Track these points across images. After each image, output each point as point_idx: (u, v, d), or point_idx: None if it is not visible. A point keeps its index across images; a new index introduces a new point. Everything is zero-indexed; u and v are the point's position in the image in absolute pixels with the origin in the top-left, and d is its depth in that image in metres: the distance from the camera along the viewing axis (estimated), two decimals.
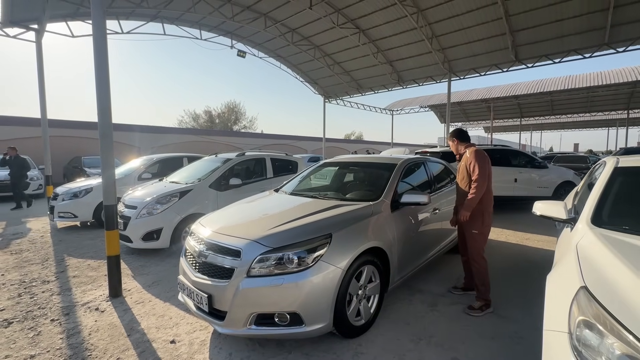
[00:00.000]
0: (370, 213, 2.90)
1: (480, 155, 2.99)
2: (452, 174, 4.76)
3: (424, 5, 11.31)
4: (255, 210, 3.21)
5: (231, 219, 2.95)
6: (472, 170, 2.98)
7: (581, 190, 3.41)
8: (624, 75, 18.24)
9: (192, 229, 2.97)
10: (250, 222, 2.81)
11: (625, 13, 9.76)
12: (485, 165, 2.97)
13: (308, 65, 17.92)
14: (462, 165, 3.16)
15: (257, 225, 2.66)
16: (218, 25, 14.08)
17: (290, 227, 2.54)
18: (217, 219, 2.96)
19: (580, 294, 1.41)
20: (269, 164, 6.29)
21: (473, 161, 2.98)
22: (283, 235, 2.44)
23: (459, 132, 3.26)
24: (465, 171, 3.09)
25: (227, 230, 2.64)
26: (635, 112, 27.13)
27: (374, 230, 2.82)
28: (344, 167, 4.30)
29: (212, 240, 2.56)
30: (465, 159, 3.09)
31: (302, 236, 2.42)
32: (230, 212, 3.20)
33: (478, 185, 2.91)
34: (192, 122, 37.55)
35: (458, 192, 3.28)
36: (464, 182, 3.12)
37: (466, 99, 24.26)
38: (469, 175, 3.04)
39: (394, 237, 3.00)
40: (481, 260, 3.08)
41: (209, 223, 2.88)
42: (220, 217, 3.03)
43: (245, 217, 2.97)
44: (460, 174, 3.21)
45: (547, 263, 4.51)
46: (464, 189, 3.14)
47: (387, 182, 3.31)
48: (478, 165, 2.94)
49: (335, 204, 3.03)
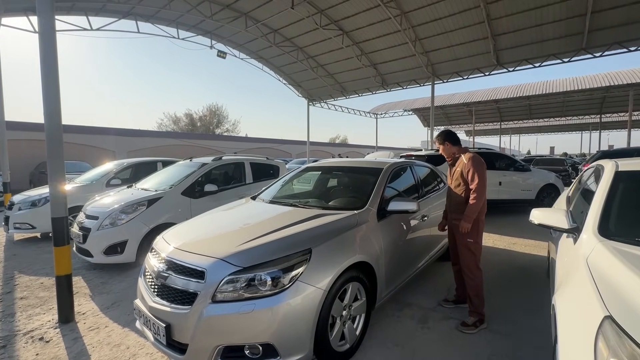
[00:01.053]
0: (354, 223, 2.62)
1: (479, 162, 2.80)
2: (439, 178, 4.57)
3: (407, 8, 11.26)
4: (226, 221, 2.87)
5: (198, 232, 2.60)
6: (470, 178, 2.78)
7: (574, 196, 3.24)
8: (597, 81, 18.92)
9: (153, 244, 2.61)
10: (219, 236, 2.48)
11: (602, 19, 9.99)
12: (484, 173, 2.79)
13: (291, 67, 17.64)
14: (456, 171, 2.93)
15: (227, 240, 2.33)
16: (196, 24, 13.61)
17: (264, 241, 2.23)
18: (182, 233, 2.62)
19: (605, 326, 1.16)
20: (248, 168, 5.94)
21: (472, 169, 2.77)
22: (255, 251, 2.13)
23: (450, 135, 3.00)
24: (461, 178, 2.88)
25: (191, 246, 2.30)
26: (607, 117, 28.24)
27: (359, 242, 2.54)
28: (327, 172, 4.02)
29: (173, 259, 2.21)
30: (462, 165, 2.86)
31: (278, 252, 2.11)
32: (197, 224, 2.85)
33: (478, 195, 2.73)
34: (172, 125, 36.59)
35: (451, 197, 3.05)
36: (460, 189, 2.91)
37: (449, 103, 24.59)
38: (465, 182, 2.84)
39: (381, 249, 2.74)
40: (477, 272, 2.87)
41: (172, 237, 2.53)
42: (185, 230, 2.68)
43: (214, 229, 2.63)
44: (454, 179, 2.97)
45: (538, 270, 4.41)
46: (459, 196, 2.92)
47: (373, 189, 3.06)
48: (477, 173, 2.75)
49: (317, 214, 2.75)
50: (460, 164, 2.89)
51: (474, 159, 2.81)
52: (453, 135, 3.02)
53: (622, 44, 10.45)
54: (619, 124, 33.28)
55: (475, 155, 2.86)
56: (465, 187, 2.85)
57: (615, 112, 26.77)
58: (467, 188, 2.83)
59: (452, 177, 3.03)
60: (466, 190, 2.84)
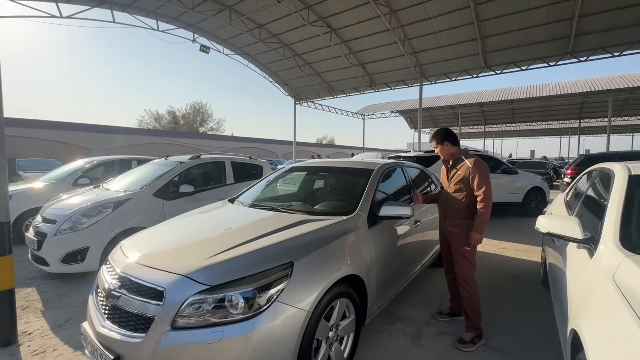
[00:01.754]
0: (343, 231, 2.33)
1: (484, 168, 2.59)
2: (431, 179, 4.35)
3: (396, 6, 11.08)
4: (197, 227, 2.52)
5: (162, 241, 2.25)
6: (476, 185, 2.56)
7: (575, 201, 3.05)
8: (578, 86, 19.38)
9: (109, 256, 2.24)
10: (187, 246, 2.13)
11: (588, 23, 10.09)
12: (489, 179, 2.59)
13: (277, 64, 17.24)
14: (457, 174, 2.69)
15: (194, 252, 1.99)
16: (178, 16, 12.99)
17: (238, 253, 1.90)
18: (143, 242, 2.25)
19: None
20: (228, 168, 5.56)
21: (477, 175, 2.54)
22: (227, 266, 1.80)
23: (450, 134, 2.76)
24: (462, 182, 2.65)
25: (151, 259, 1.94)
26: (585, 122, 29.10)
27: (349, 253, 2.25)
28: (312, 173, 3.72)
29: (128, 275, 1.85)
30: (465, 169, 2.62)
31: (254, 267, 1.79)
32: (163, 231, 2.49)
33: (487, 204, 2.51)
34: (153, 123, 35.39)
35: (447, 201, 2.79)
36: (460, 194, 2.67)
37: (435, 105, 24.73)
38: (467, 187, 2.62)
39: (372, 259, 2.46)
40: (472, 283, 2.65)
41: (132, 248, 2.17)
42: (148, 239, 2.32)
43: (182, 238, 2.27)
44: (453, 183, 2.73)
45: (531, 277, 4.23)
46: (458, 201, 2.68)
47: (363, 192, 2.78)
48: (485, 179, 2.54)
49: (301, 219, 2.44)
50: (463, 168, 2.65)
51: (479, 164, 2.58)
52: (453, 135, 2.78)
53: (606, 49, 10.61)
54: (596, 129, 34.45)
55: (480, 159, 2.64)
56: (467, 193, 2.63)
57: (593, 118, 27.60)
58: (469, 194, 2.61)
59: (449, 180, 2.77)
60: (468, 196, 2.62)
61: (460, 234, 2.63)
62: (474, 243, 2.55)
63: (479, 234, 2.52)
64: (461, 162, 2.67)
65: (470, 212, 2.59)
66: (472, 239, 2.53)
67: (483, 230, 2.53)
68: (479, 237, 2.53)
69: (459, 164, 2.68)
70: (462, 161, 2.67)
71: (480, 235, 2.53)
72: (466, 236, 2.60)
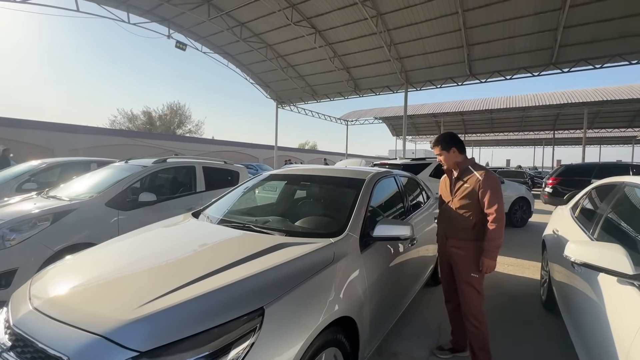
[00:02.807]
0: (331, 258, 1.83)
1: (497, 182, 2.22)
2: (424, 190, 3.96)
3: (383, 9, 10.84)
4: (141, 253, 1.94)
5: (84, 275, 1.66)
6: (487, 201, 2.18)
7: (590, 220, 2.66)
8: (555, 98, 20.02)
9: (12, 296, 1.64)
10: (120, 282, 1.56)
11: (571, 35, 10.20)
12: (502, 195, 2.24)
13: (259, 66, 16.68)
14: (463, 187, 2.30)
15: (128, 293, 1.44)
16: (152, 9, 12.19)
17: (188, 296, 1.36)
18: (58, 277, 1.67)
19: None
20: (199, 173, 4.94)
21: (489, 190, 2.17)
22: (169, 317, 1.26)
23: (457, 139, 2.38)
24: (469, 197, 2.27)
25: (60, 306, 1.38)
26: (559, 133, 30.22)
27: (338, 288, 1.75)
28: (294, 183, 3.21)
29: (23, 332, 1.28)
30: (474, 182, 2.25)
31: (208, 318, 1.26)
32: (92, 259, 1.91)
33: (500, 225, 2.13)
34: (127, 124, 33.74)
35: (450, 219, 2.38)
36: (467, 211, 2.28)
37: (418, 113, 24.87)
38: (476, 203, 2.24)
39: (366, 292, 1.97)
40: (481, 317, 2.24)
41: (42, 286, 1.59)
42: (65, 272, 1.73)
43: (114, 271, 1.69)
44: (457, 197, 2.33)
45: (531, 299, 3.86)
46: (464, 219, 2.28)
47: (354, 207, 2.30)
48: (497, 196, 2.18)
49: (278, 243, 1.93)
50: (472, 180, 2.26)
51: (491, 177, 2.22)
52: (460, 141, 2.37)
53: (588, 61, 10.79)
54: (569, 140, 35.88)
55: (491, 172, 2.26)
56: (475, 210, 2.25)
57: (566, 129, 28.68)
58: (477, 211, 2.24)
59: (453, 194, 2.36)
60: (476, 213, 2.24)
61: (467, 257, 2.25)
62: (485, 271, 2.17)
63: (492, 259, 2.14)
64: (469, 173, 2.28)
65: (478, 233, 2.22)
66: (484, 266, 2.15)
67: (496, 255, 2.15)
68: (492, 263, 2.15)
69: (467, 176, 2.29)
70: (470, 173, 2.28)
71: (493, 261, 2.16)
72: (474, 260, 2.22)
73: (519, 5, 9.48)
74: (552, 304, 3.11)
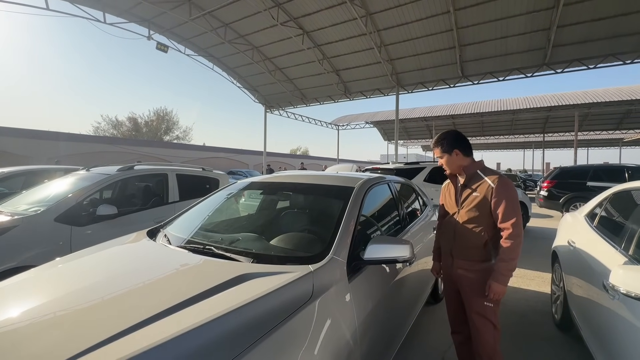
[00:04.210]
0: (308, 294, 1.36)
1: (513, 190, 1.82)
2: (420, 197, 3.53)
3: (373, 9, 10.50)
4: (68, 289, 1.42)
5: None
6: (500, 213, 1.78)
7: (617, 233, 2.26)
8: (545, 101, 20.05)
9: None
10: (24, 332, 1.07)
11: (565, 35, 10.01)
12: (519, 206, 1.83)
13: (246, 69, 16.20)
14: (474, 197, 1.88)
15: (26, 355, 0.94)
16: (129, 8, 11.58)
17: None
18: None
19: None
20: (172, 182, 4.41)
21: (504, 200, 1.77)
22: None
23: (461, 139, 1.97)
24: (479, 208, 1.86)
25: None
26: (549, 136, 30.42)
27: (318, 337, 1.26)
28: (271, 192, 2.74)
29: None
30: (486, 190, 1.84)
31: None
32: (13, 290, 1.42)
33: (515, 242, 1.72)
34: (111, 130, 32.82)
35: (456, 234, 1.95)
36: (476, 225, 1.87)
37: (409, 117, 24.74)
38: (487, 215, 1.84)
39: (355, 336, 1.48)
40: (497, 358, 1.81)
41: None
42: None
43: (22, 314, 1.19)
44: (465, 207, 1.92)
45: (541, 316, 3.45)
46: (473, 234, 1.87)
47: (341, 221, 1.83)
48: (514, 207, 1.77)
49: (241, 273, 1.45)
50: (482, 188, 1.86)
51: (506, 184, 1.82)
52: (465, 141, 1.97)
53: (581, 61, 10.64)
54: (559, 143, 36.23)
55: (505, 177, 1.86)
56: (487, 224, 1.84)
57: (556, 132, 28.89)
58: (489, 225, 1.84)
59: (460, 205, 1.94)
60: (488, 228, 1.84)
61: (478, 282, 1.84)
62: (493, 297, 1.75)
63: (502, 285, 1.73)
64: (479, 179, 1.89)
65: (491, 251, 1.84)
66: (492, 291, 1.74)
67: (508, 279, 1.74)
68: (502, 289, 1.73)
69: (476, 183, 1.89)
70: (480, 179, 1.88)
71: (504, 287, 1.74)
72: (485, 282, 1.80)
73: (512, 4, 9.25)
74: (568, 325, 2.72)
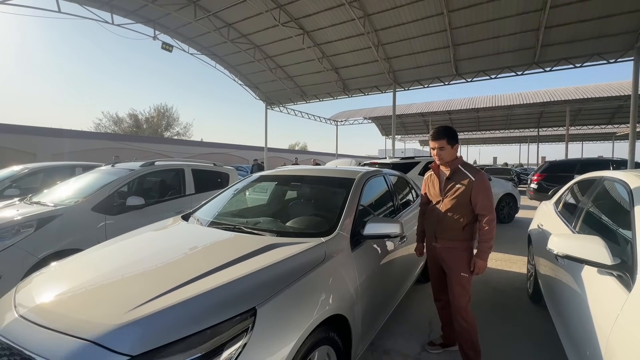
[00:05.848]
0: (322, 257, 1.85)
1: (488, 183, 2.28)
2: (413, 188, 4.01)
3: (371, 10, 10.92)
4: (130, 258, 1.92)
5: (75, 279, 1.65)
6: (479, 202, 2.22)
7: (575, 214, 2.73)
8: (538, 97, 20.51)
9: None
10: (109, 287, 1.55)
11: (552, 35, 10.47)
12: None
13: (248, 67, 16.58)
14: (457, 189, 2.28)
15: (117, 297, 1.42)
16: (136, 9, 11.98)
17: (179, 299, 1.36)
18: (50, 280, 1.66)
19: None
20: (188, 176, 4.90)
21: (482, 192, 2.22)
22: (160, 320, 1.25)
23: (452, 132, 2.31)
24: (461, 197, 2.27)
25: (46, 312, 1.36)
26: (543, 131, 30.94)
27: (330, 286, 1.77)
28: (284, 184, 3.23)
29: (8, 339, 1.25)
30: (468, 182, 2.25)
31: (200, 320, 1.26)
32: (83, 262, 1.89)
33: (492, 227, 2.19)
34: (112, 127, 33.08)
35: (439, 218, 2.37)
36: (458, 212, 2.29)
37: (406, 112, 25.12)
38: (468, 204, 2.27)
39: (357, 290, 1.99)
40: (469, 316, 2.28)
41: (30, 289, 1.58)
42: (58, 275, 1.72)
43: (102, 275, 1.67)
44: (451, 197, 2.31)
45: (518, 292, 3.95)
46: (454, 220, 2.30)
47: (345, 206, 2.33)
48: (490, 197, 2.23)
49: (269, 243, 1.94)
50: (464, 182, 2.25)
51: (484, 179, 2.23)
52: (455, 134, 2.33)
53: (569, 60, 11.12)
54: (553, 137, 36.77)
55: (482, 172, 2.27)
56: (466, 211, 2.27)
57: (550, 127, 29.38)
58: (467, 212, 2.27)
59: (443, 194, 2.34)
60: (467, 214, 2.27)
61: (457, 258, 2.29)
62: (477, 272, 2.22)
63: (484, 260, 2.20)
64: (461, 174, 2.28)
65: (468, 233, 2.28)
66: (477, 267, 2.21)
67: (488, 255, 2.21)
68: (484, 264, 2.20)
69: (459, 176, 2.28)
70: (461, 173, 2.28)
71: (485, 262, 2.21)
72: (464, 260, 2.27)
73: (503, 6, 9.68)
74: (538, 297, 3.20)
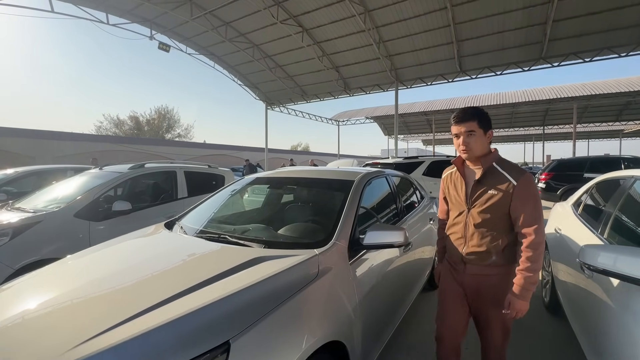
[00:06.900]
0: (314, 273, 1.59)
1: (537, 191, 1.58)
2: (417, 190, 3.74)
3: (371, 6, 10.66)
4: (90, 275, 1.67)
5: (27, 303, 1.41)
6: (522, 216, 1.51)
7: (597, 219, 2.45)
8: (544, 94, 20.11)
9: None
10: (54, 313, 1.30)
11: (560, 29, 10.14)
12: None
13: (247, 67, 16.37)
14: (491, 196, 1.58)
15: (63, 329, 1.18)
16: (132, 9, 11.76)
17: (134, 333, 1.11)
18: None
19: None
20: (181, 179, 4.66)
21: (527, 206, 1.50)
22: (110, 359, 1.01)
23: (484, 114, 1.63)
24: (498, 208, 1.57)
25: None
26: (549, 129, 30.44)
27: (324, 308, 1.52)
28: (277, 187, 2.97)
29: None
30: (505, 188, 1.55)
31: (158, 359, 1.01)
32: (33, 282, 1.65)
33: (539, 253, 1.48)
34: (113, 129, 33.04)
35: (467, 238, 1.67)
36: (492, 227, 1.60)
37: (409, 111, 24.84)
38: (507, 216, 1.57)
39: (356, 309, 1.73)
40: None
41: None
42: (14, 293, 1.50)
43: (57, 297, 1.42)
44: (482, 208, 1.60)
45: (533, 300, 3.69)
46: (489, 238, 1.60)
47: (342, 211, 2.06)
48: (539, 212, 1.52)
49: (255, 257, 1.68)
50: (501, 186, 1.55)
51: (529, 182, 1.54)
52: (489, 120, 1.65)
53: (577, 55, 10.78)
54: (559, 135, 36.24)
55: (529, 174, 1.58)
56: (504, 226, 1.58)
57: (555, 125, 28.90)
58: (507, 228, 1.58)
59: (471, 203, 1.64)
60: (506, 231, 1.59)
61: (499, 288, 1.59)
62: (516, 315, 1.51)
63: (525, 300, 1.48)
64: (497, 175, 1.58)
65: (511, 254, 1.59)
66: (514, 309, 1.49)
67: (531, 294, 1.49)
68: (525, 306, 1.49)
69: (494, 179, 1.58)
70: (498, 174, 1.57)
71: (527, 303, 1.49)
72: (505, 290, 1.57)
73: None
74: (555, 307, 2.93)
